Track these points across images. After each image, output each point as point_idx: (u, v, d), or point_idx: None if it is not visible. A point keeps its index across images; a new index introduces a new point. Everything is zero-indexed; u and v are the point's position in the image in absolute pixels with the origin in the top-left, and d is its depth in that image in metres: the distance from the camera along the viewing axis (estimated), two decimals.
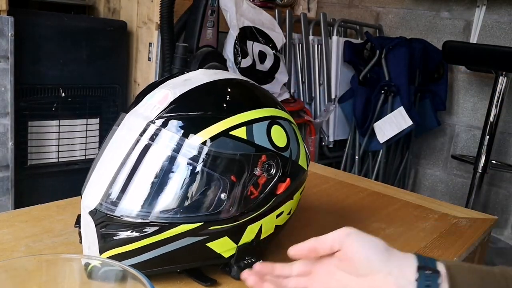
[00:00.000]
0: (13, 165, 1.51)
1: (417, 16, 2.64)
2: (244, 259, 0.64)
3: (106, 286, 0.46)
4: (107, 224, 0.58)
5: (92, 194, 0.60)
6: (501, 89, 2.12)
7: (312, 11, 2.78)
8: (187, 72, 0.68)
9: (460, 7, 2.50)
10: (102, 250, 0.59)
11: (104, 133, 1.84)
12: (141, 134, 0.59)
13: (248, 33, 1.97)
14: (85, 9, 2.06)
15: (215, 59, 1.79)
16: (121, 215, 0.58)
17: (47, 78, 1.62)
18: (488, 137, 2.16)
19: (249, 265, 0.59)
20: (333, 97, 2.42)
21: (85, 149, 1.80)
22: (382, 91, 2.35)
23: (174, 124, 0.59)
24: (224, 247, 0.62)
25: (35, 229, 0.74)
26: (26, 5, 1.88)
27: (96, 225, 0.58)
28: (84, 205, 0.60)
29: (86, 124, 1.79)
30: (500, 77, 2.11)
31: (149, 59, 1.86)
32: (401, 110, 2.26)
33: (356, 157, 2.47)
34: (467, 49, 2.20)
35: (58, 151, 1.72)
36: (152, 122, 0.59)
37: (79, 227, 0.62)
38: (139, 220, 0.58)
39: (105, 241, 0.58)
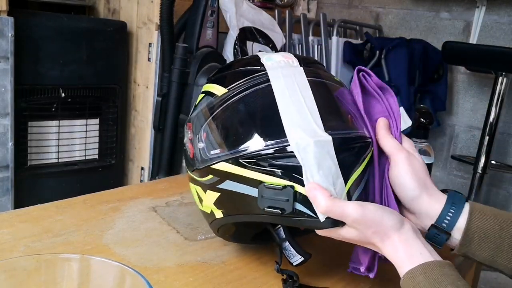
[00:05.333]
0: (13, 165, 1.51)
1: (417, 16, 2.64)
2: None
3: (105, 286, 0.46)
4: (343, 149, 0.55)
5: (307, 132, 0.55)
6: (500, 89, 2.12)
7: (311, 12, 2.79)
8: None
9: (460, 7, 2.50)
10: (346, 179, 0.55)
11: (104, 133, 1.85)
12: (311, 76, 0.61)
13: (248, 34, 1.98)
14: (85, 9, 2.07)
15: (215, 60, 1.79)
16: (348, 136, 0.57)
17: (47, 79, 1.62)
18: (488, 137, 2.17)
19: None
20: None
21: (85, 150, 1.80)
22: None
23: (319, 66, 0.66)
24: None
25: (35, 229, 0.74)
26: (26, 5, 1.88)
27: (337, 156, 0.54)
28: (316, 140, 0.54)
29: (86, 125, 1.79)
30: (500, 78, 2.11)
31: (149, 59, 1.86)
32: (401, 110, 2.26)
33: None
34: (467, 50, 2.20)
35: (58, 152, 1.72)
36: (308, 66, 0.63)
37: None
38: (358, 134, 0.59)
39: (347, 167, 0.55)
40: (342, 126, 0.58)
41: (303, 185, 0.54)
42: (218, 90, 0.62)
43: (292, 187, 0.54)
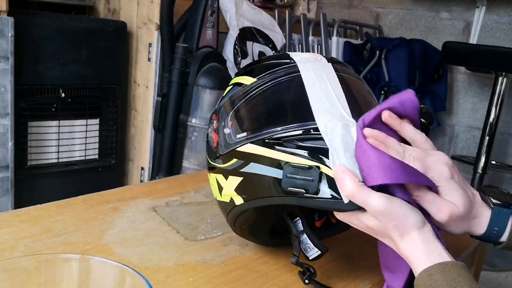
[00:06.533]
0: (13, 165, 1.51)
1: (417, 16, 2.64)
2: None
3: (105, 286, 0.46)
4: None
5: (335, 116, 0.57)
6: (500, 89, 2.12)
7: (312, 12, 2.79)
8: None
9: (460, 7, 2.50)
10: None
11: (104, 133, 1.85)
12: (340, 72, 0.64)
13: (248, 34, 1.98)
14: (85, 9, 2.07)
15: (215, 60, 1.79)
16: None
17: (47, 79, 1.62)
18: (488, 137, 2.17)
19: None
20: None
21: (85, 150, 1.80)
22: (382, 92, 2.35)
23: (346, 66, 0.68)
24: None
25: (35, 229, 0.74)
26: (26, 5, 1.88)
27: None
28: (343, 123, 0.56)
29: (86, 125, 1.79)
30: (500, 78, 2.11)
31: (149, 59, 1.86)
32: None
33: None
34: (467, 50, 2.20)
35: (58, 152, 1.72)
36: (335, 64, 0.66)
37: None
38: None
39: None
40: None
41: (328, 167, 0.54)
42: (247, 80, 0.65)
43: (318, 167, 0.55)
